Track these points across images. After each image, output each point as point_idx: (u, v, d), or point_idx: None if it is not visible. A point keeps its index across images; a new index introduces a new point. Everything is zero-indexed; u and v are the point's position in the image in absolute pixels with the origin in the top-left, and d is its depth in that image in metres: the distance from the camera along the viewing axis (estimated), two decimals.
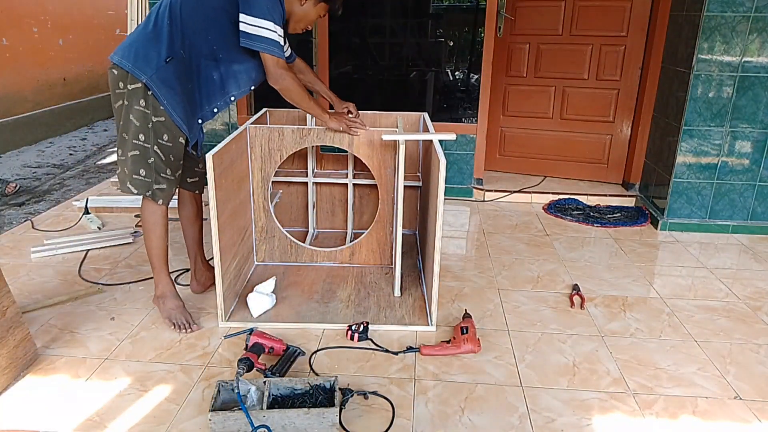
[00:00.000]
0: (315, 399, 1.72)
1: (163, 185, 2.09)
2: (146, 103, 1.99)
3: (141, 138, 2.02)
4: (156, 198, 2.09)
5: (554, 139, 4.02)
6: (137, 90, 1.97)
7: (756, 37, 3.00)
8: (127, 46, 1.99)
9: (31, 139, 5.75)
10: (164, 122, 2.01)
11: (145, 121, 2.00)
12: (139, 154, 2.03)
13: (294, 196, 3.03)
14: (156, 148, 2.04)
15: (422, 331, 2.21)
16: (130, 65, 1.95)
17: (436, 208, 2.04)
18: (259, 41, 2.01)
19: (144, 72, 1.94)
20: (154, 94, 1.97)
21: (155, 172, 2.06)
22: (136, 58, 1.96)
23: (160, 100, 1.98)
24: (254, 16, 1.98)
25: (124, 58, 1.97)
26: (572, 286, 2.59)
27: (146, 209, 2.13)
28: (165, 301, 2.21)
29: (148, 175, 2.06)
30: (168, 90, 1.98)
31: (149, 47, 1.97)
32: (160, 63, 1.96)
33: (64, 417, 1.71)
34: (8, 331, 1.83)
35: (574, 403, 1.82)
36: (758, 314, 2.40)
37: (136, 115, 1.99)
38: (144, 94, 1.97)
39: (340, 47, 3.76)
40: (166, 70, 1.97)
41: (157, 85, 1.96)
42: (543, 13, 3.79)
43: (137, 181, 2.06)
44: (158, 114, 2.00)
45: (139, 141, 2.02)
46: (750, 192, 3.26)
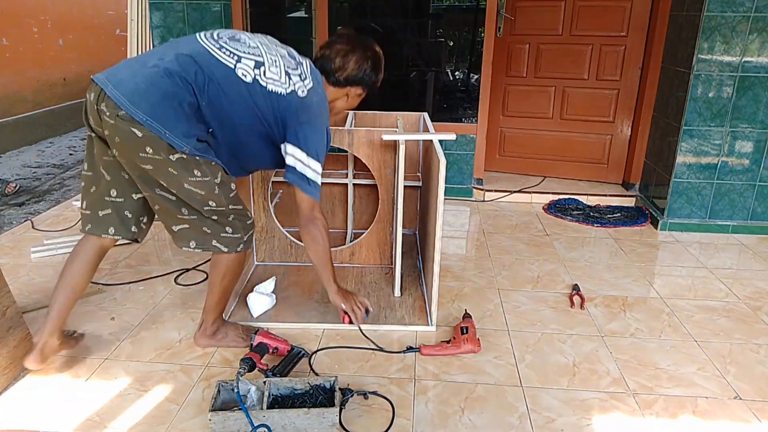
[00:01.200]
0: (315, 399, 1.72)
1: (251, 230, 1.91)
2: (201, 171, 1.69)
3: (212, 204, 1.76)
4: (248, 247, 1.91)
5: (554, 139, 4.02)
6: (183, 161, 1.65)
7: (756, 37, 3.00)
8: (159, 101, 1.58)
9: (31, 139, 5.75)
10: (225, 175, 1.79)
11: (210, 188, 1.73)
12: (218, 219, 1.81)
13: (294, 196, 3.02)
14: (232, 206, 1.82)
15: (422, 331, 2.21)
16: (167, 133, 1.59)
17: (436, 208, 2.04)
18: (307, 183, 1.85)
19: (184, 143, 1.62)
20: (202, 158, 1.69)
21: (240, 224, 1.86)
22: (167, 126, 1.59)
23: (210, 159, 1.71)
24: (308, 156, 1.81)
25: (155, 120, 1.58)
26: (572, 286, 2.59)
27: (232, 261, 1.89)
28: (226, 332, 2.03)
29: (235, 231, 1.85)
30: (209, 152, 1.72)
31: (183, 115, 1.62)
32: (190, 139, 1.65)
33: (64, 417, 1.71)
34: (8, 331, 1.83)
35: (574, 403, 1.82)
36: (758, 314, 2.40)
37: (197, 186, 1.71)
38: (194, 163, 1.67)
39: None
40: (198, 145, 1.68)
41: (201, 150, 1.68)
42: (543, 13, 3.79)
43: (225, 239, 1.84)
44: (216, 172, 1.74)
45: (211, 207, 1.77)
46: (750, 192, 3.26)
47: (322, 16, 3.68)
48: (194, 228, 1.82)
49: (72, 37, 6.42)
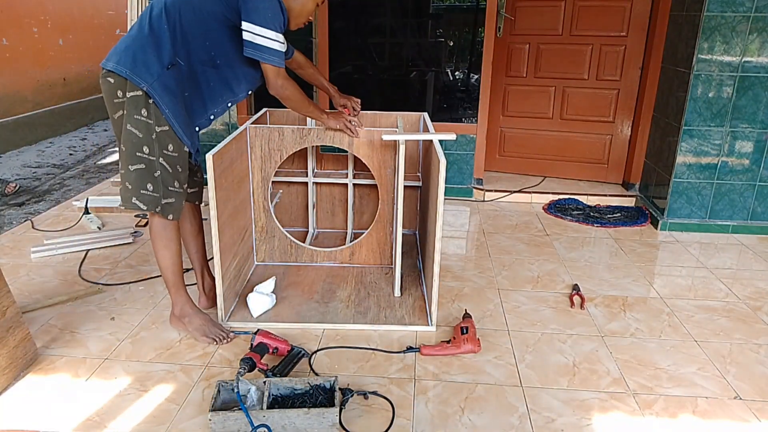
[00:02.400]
0: (315, 399, 1.72)
1: (172, 199, 1.98)
2: (148, 113, 1.87)
3: (145, 150, 1.90)
4: (166, 213, 1.98)
5: (554, 139, 4.02)
6: (137, 98, 1.86)
7: (756, 37, 3.00)
8: (123, 51, 1.87)
9: (31, 139, 5.75)
10: (168, 132, 1.91)
11: (148, 131, 1.89)
12: (145, 168, 1.91)
13: (294, 196, 3.03)
14: (162, 160, 1.93)
15: (422, 331, 2.21)
16: (127, 71, 1.84)
17: (436, 208, 2.04)
18: (263, 51, 1.95)
19: (144, 79, 1.84)
20: (155, 102, 1.86)
21: (163, 185, 1.95)
22: (134, 63, 1.84)
23: (161, 108, 1.87)
24: (258, 25, 1.91)
25: (120, 64, 1.85)
26: (572, 286, 2.59)
27: (156, 225, 2.02)
28: (190, 320, 2.11)
29: (155, 189, 1.94)
30: (170, 98, 1.89)
31: (148, 53, 1.86)
32: (162, 69, 1.86)
33: (64, 417, 1.71)
34: (8, 331, 1.83)
35: (574, 403, 1.82)
36: (758, 314, 2.40)
37: (138, 126, 1.88)
38: (145, 103, 1.86)
39: (340, 47, 3.76)
40: (168, 77, 1.87)
41: (158, 92, 1.86)
42: (543, 13, 3.79)
43: (145, 196, 1.94)
44: (161, 123, 1.90)
45: (143, 153, 1.90)
46: (750, 192, 3.26)
47: (322, 16, 3.68)
48: (122, 183, 1.96)
49: (72, 37, 6.42)
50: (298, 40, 3.78)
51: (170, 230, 2.03)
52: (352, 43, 3.80)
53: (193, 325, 2.11)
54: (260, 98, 3.86)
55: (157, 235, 2.03)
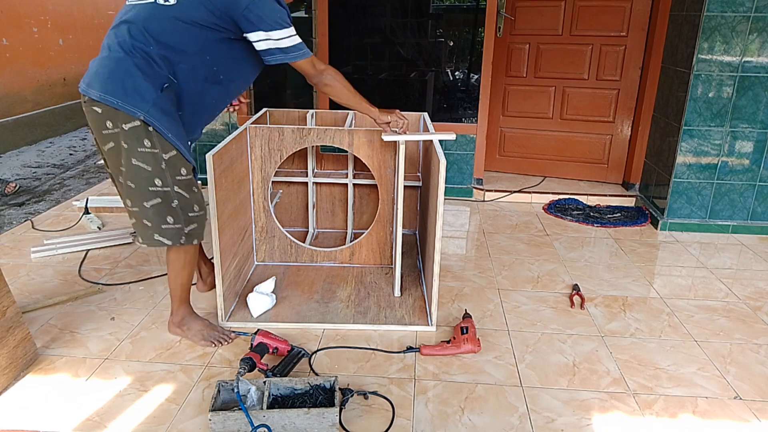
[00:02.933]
0: (315, 399, 1.72)
1: (195, 225, 1.90)
2: (152, 143, 1.75)
3: (158, 183, 1.79)
4: (192, 241, 1.92)
5: (554, 139, 4.02)
6: (136, 129, 1.72)
7: (756, 37, 3.00)
8: (107, 77, 1.72)
9: (31, 139, 5.75)
10: (176, 156, 1.81)
11: (157, 162, 1.77)
12: (161, 202, 1.82)
13: (294, 196, 3.03)
14: (177, 188, 1.83)
15: (422, 331, 2.21)
16: (119, 102, 1.70)
17: (436, 208, 2.04)
18: (288, 52, 1.89)
19: (139, 108, 1.70)
20: (155, 129, 1.74)
21: (183, 213, 1.86)
22: (125, 92, 1.70)
23: (164, 134, 1.75)
24: (272, 31, 1.82)
25: (108, 94, 1.70)
26: (572, 286, 2.59)
27: (175, 255, 1.96)
28: (190, 325, 2.09)
29: (176, 221, 1.85)
30: (169, 121, 1.77)
31: (137, 77, 1.71)
32: (156, 93, 1.73)
33: (64, 417, 1.71)
34: (8, 331, 1.83)
35: (574, 403, 1.82)
36: (758, 314, 2.40)
37: (145, 159, 1.76)
38: (146, 133, 1.73)
39: (340, 47, 3.76)
40: (163, 100, 1.75)
41: (157, 118, 1.73)
42: (543, 13, 3.79)
43: (167, 231, 1.85)
44: (167, 149, 1.78)
45: (156, 187, 1.80)
46: (750, 192, 3.26)
47: (322, 16, 3.68)
48: (138, 221, 1.87)
49: (72, 37, 6.42)
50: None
51: (191, 254, 2.00)
52: (352, 43, 3.80)
53: (191, 331, 2.09)
54: (260, 98, 3.87)
55: (174, 262, 1.99)
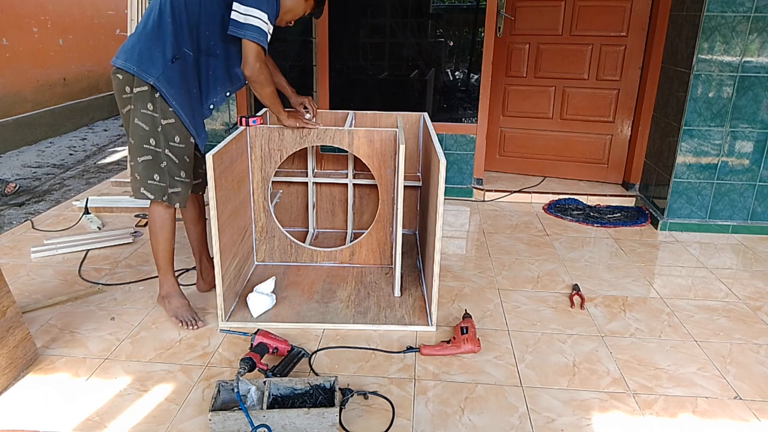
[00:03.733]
0: (315, 399, 1.72)
1: (179, 188, 2.09)
2: (154, 107, 1.97)
3: (152, 142, 2.01)
4: (172, 202, 2.09)
5: (554, 139, 4.02)
6: (143, 93, 1.95)
7: (756, 37, 3.00)
8: (130, 48, 1.97)
9: (31, 139, 5.75)
10: (174, 124, 2.01)
11: (154, 124, 1.99)
12: (152, 159, 2.02)
13: (294, 196, 3.03)
14: (168, 152, 2.03)
15: (422, 331, 2.21)
16: (135, 68, 1.93)
17: (436, 208, 2.04)
18: (246, 29, 1.97)
19: (150, 74, 1.93)
20: (162, 95, 1.95)
21: (169, 175, 2.06)
22: (140, 59, 1.94)
23: (168, 101, 1.96)
24: (247, 5, 1.96)
25: (128, 61, 1.94)
26: (572, 286, 2.59)
27: (155, 212, 2.12)
28: (170, 300, 2.22)
29: (162, 179, 2.05)
30: (175, 91, 1.97)
31: (153, 47, 1.94)
32: (166, 63, 1.94)
33: (64, 417, 1.71)
34: (8, 331, 1.83)
35: (574, 403, 1.82)
36: (758, 314, 2.40)
37: (145, 119, 1.98)
38: (151, 97, 1.96)
39: (340, 47, 3.76)
40: (172, 70, 1.96)
41: (164, 86, 1.94)
42: (543, 13, 3.79)
43: (152, 186, 2.05)
44: (167, 116, 1.99)
45: (149, 146, 2.01)
46: (750, 192, 3.26)
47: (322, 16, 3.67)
48: (132, 175, 2.06)
49: (72, 37, 6.42)
50: (299, 40, 3.78)
51: (167, 217, 2.14)
52: (352, 43, 3.80)
53: (170, 305, 2.22)
54: None
55: (154, 221, 2.14)
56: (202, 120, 2.15)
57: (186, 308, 2.21)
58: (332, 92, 3.80)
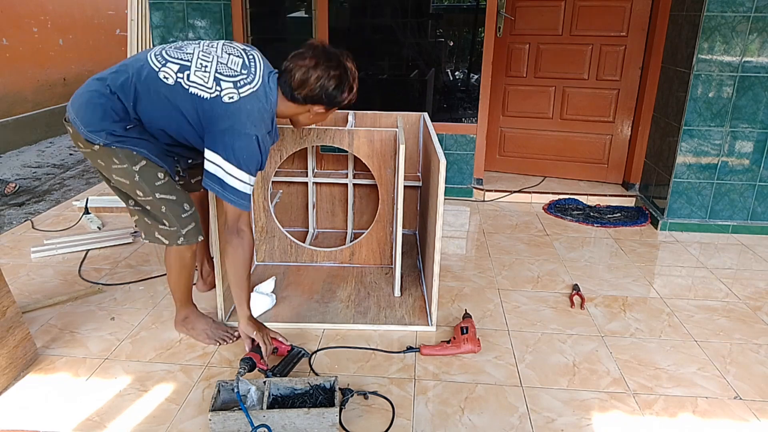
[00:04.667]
0: (315, 399, 1.72)
1: (191, 224, 1.93)
2: (119, 159, 1.78)
3: (140, 194, 1.84)
4: (190, 241, 1.94)
5: (554, 139, 4.02)
6: (103, 149, 1.77)
7: (756, 37, 3.00)
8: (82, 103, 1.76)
9: (31, 139, 5.75)
10: (147, 165, 1.82)
11: (130, 176, 1.80)
12: (150, 209, 1.88)
13: (294, 196, 3.03)
14: (159, 195, 1.84)
15: (422, 331, 2.21)
16: (84, 129, 1.75)
17: (436, 208, 2.04)
18: (229, 191, 1.76)
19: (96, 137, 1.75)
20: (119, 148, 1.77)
21: (174, 216, 1.89)
22: (83, 122, 1.75)
23: (128, 147, 1.78)
24: (227, 162, 1.73)
25: (79, 119, 1.76)
26: (572, 286, 2.59)
27: (172, 255, 1.98)
28: (194, 324, 2.11)
29: (171, 224, 1.89)
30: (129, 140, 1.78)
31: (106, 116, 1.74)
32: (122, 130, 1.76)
33: (64, 417, 1.71)
34: (8, 331, 1.83)
35: (574, 403, 1.82)
36: (758, 314, 2.40)
37: (120, 175, 1.81)
38: (112, 151, 1.77)
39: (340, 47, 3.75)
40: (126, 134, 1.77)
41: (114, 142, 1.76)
42: (543, 13, 3.79)
43: (164, 231, 1.91)
44: (137, 160, 1.79)
45: (139, 197, 1.85)
46: (750, 192, 3.26)
47: (322, 16, 3.68)
48: (140, 219, 1.95)
49: (72, 37, 6.42)
50: (299, 40, 3.78)
51: (189, 255, 2.00)
52: (352, 43, 3.80)
53: (196, 330, 2.11)
54: None
55: (172, 263, 2.00)
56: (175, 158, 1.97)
57: (213, 327, 2.11)
58: None
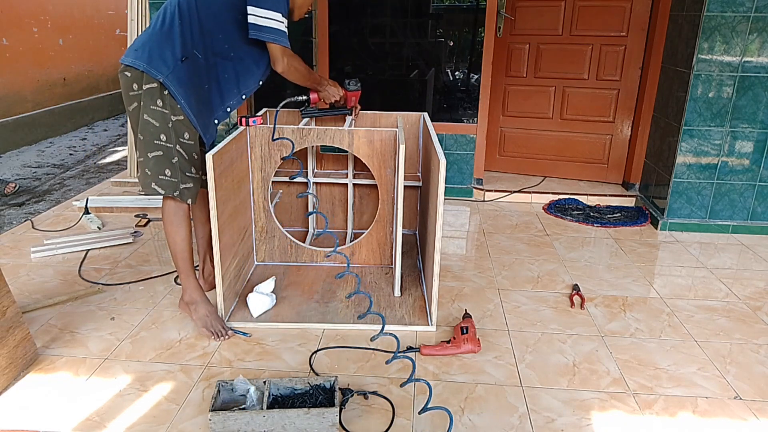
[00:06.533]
0: (315, 399, 1.72)
1: (190, 184, 2.09)
2: (164, 103, 1.98)
3: (162, 138, 2.01)
4: (184, 197, 2.08)
5: (554, 139, 4.02)
6: (153, 90, 1.97)
7: (756, 37, 3.00)
8: (140, 46, 1.99)
9: (31, 139, 5.75)
10: (183, 121, 2.03)
11: (165, 120, 2.00)
12: (162, 155, 2.03)
13: (294, 196, 3.03)
14: (179, 147, 2.04)
15: (422, 331, 2.21)
16: (144, 65, 1.95)
17: (436, 208, 2.04)
18: (268, 32, 2.03)
19: (160, 71, 1.94)
20: (170, 92, 1.97)
21: (180, 171, 2.06)
22: (150, 58, 1.95)
23: (177, 99, 1.98)
24: (263, 8, 2.00)
25: (137, 59, 1.96)
26: (572, 286, 2.59)
27: (169, 209, 2.11)
28: (197, 308, 2.16)
29: (173, 174, 2.05)
30: (184, 90, 1.99)
31: (164, 47, 1.97)
32: (176, 62, 1.96)
33: (64, 417, 1.71)
34: (8, 331, 1.83)
35: (574, 403, 1.82)
36: (758, 314, 2.41)
37: (155, 116, 1.99)
38: (161, 94, 1.97)
39: (340, 47, 3.76)
40: (181, 70, 1.98)
41: (173, 84, 1.96)
42: (543, 13, 3.79)
43: (163, 181, 2.05)
44: (177, 113, 2.01)
45: (161, 141, 2.02)
46: (750, 192, 3.26)
47: (322, 16, 3.68)
48: (142, 171, 2.07)
49: (72, 37, 6.42)
50: (299, 40, 3.78)
51: (182, 214, 2.13)
52: (352, 43, 3.80)
53: (197, 314, 2.16)
54: (260, 98, 3.86)
55: (169, 218, 2.12)
56: (216, 122, 2.17)
57: (214, 316, 2.14)
58: None
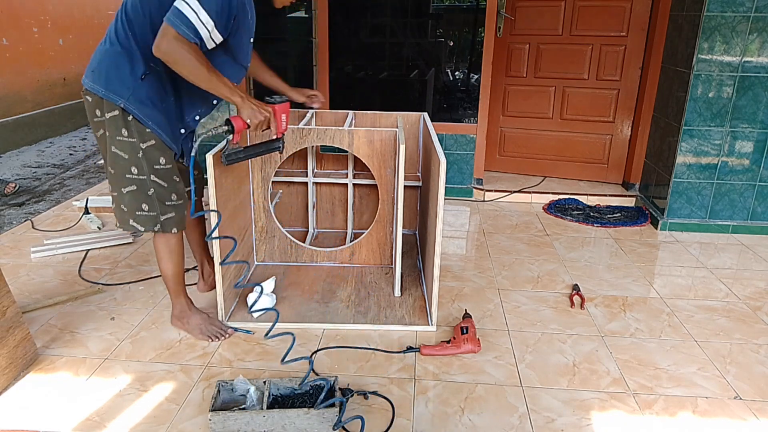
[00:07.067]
0: (315, 399, 1.72)
1: (171, 213, 1.95)
2: (129, 132, 1.81)
3: (134, 171, 1.86)
4: (167, 229, 1.96)
5: (554, 139, 4.02)
6: (115, 118, 1.80)
7: (756, 37, 3.00)
8: (96, 67, 1.82)
9: (31, 139, 5.75)
10: (156, 145, 1.85)
11: (134, 151, 1.83)
12: (137, 189, 1.88)
13: (294, 196, 3.03)
14: (154, 177, 1.88)
15: (422, 331, 2.21)
16: (102, 90, 1.78)
17: (436, 208, 2.04)
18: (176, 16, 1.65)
19: (120, 95, 1.77)
20: (135, 117, 1.79)
21: (159, 202, 1.91)
22: (108, 80, 1.78)
23: (143, 122, 1.81)
24: None
25: (95, 83, 1.80)
26: (572, 286, 2.59)
27: (159, 245, 2.01)
28: (189, 320, 2.13)
29: (151, 208, 1.91)
30: (149, 110, 1.81)
31: (120, 65, 1.78)
32: (136, 81, 1.78)
33: (64, 417, 1.71)
34: (8, 331, 1.83)
35: (574, 403, 1.82)
36: (758, 314, 2.40)
37: (123, 147, 1.83)
38: (124, 122, 1.80)
39: (340, 47, 3.76)
40: (141, 89, 1.79)
41: (135, 106, 1.78)
42: (543, 13, 3.79)
43: (141, 217, 1.91)
44: (146, 138, 1.83)
45: (133, 175, 1.86)
46: (750, 192, 3.26)
47: (322, 16, 3.68)
48: (117, 205, 1.94)
49: (72, 37, 6.41)
50: (299, 40, 3.78)
51: (173, 243, 2.02)
52: (352, 43, 3.80)
53: (191, 325, 2.13)
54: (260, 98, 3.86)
55: (159, 249, 2.03)
56: (182, 131, 1.96)
57: (207, 322, 2.13)
58: (332, 92, 3.80)
